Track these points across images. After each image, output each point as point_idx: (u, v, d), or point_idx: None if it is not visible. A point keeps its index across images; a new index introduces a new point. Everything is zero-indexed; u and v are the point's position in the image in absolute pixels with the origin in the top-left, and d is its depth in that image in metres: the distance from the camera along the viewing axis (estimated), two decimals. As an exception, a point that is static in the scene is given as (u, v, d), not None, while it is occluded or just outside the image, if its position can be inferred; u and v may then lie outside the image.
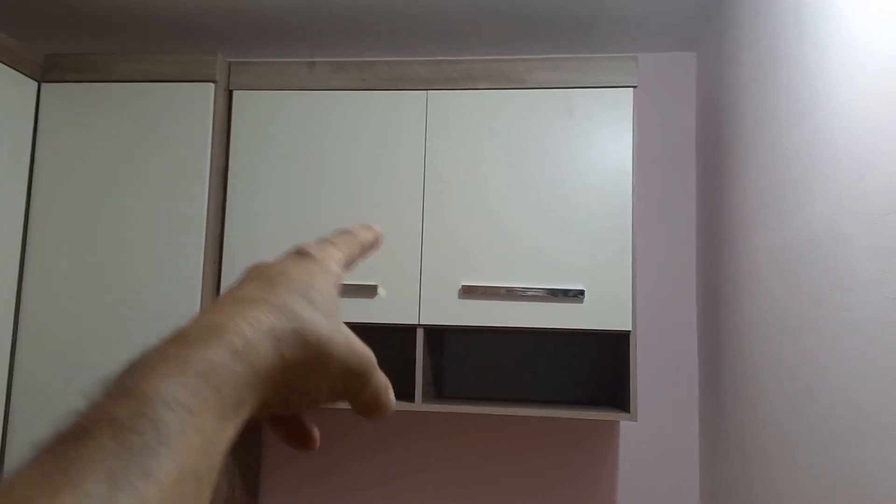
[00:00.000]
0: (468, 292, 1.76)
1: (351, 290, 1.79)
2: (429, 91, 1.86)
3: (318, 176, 1.86)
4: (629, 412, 1.71)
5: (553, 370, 2.13)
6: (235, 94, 1.90)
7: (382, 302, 1.79)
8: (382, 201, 1.83)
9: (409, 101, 1.86)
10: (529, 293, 1.75)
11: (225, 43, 2.26)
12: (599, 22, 2.04)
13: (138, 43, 2.28)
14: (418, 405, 1.77)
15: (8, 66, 1.74)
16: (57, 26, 2.16)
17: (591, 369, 2.12)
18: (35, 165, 1.84)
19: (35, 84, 1.84)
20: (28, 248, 1.81)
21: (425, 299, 1.79)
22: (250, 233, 1.85)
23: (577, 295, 1.74)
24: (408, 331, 1.74)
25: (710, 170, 2.00)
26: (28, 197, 1.83)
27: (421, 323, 1.78)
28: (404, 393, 2.14)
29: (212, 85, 1.83)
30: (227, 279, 1.83)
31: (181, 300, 1.76)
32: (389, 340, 2.25)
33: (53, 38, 2.24)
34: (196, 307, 1.76)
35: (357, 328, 0.41)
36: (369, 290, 1.78)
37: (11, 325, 1.78)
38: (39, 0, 1.98)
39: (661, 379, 2.11)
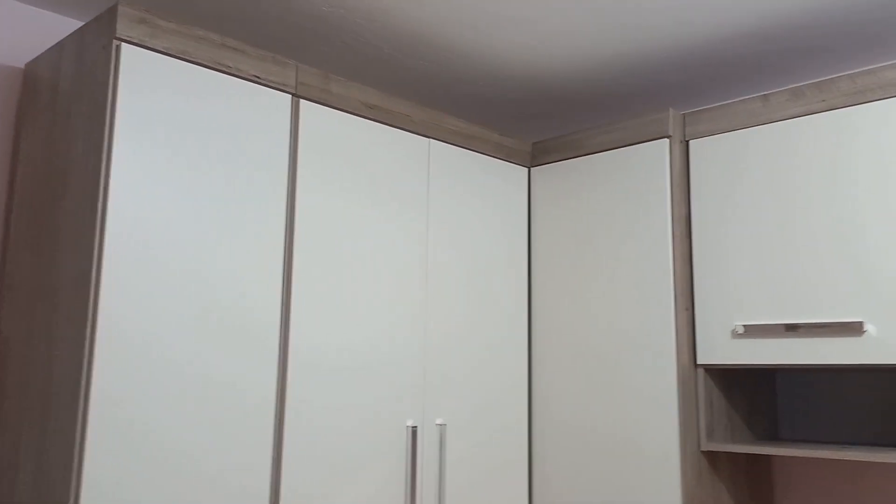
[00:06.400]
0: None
1: (834, 329, 1.65)
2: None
3: (786, 211, 1.78)
4: None
5: None
6: (692, 143, 1.95)
7: (871, 340, 1.61)
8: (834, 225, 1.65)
9: (868, 114, 1.66)
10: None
11: (679, 95, 2.35)
12: None
13: (602, 116, 2.51)
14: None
15: (504, 160, 2.14)
16: (537, 117, 2.54)
17: None
18: (532, 241, 2.20)
19: (525, 170, 2.22)
20: (533, 315, 2.16)
21: None
22: (721, 277, 1.86)
23: None
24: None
25: None
26: (529, 269, 2.19)
27: None
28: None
29: (666, 140, 1.93)
30: (702, 322, 1.88)
31: (655, 342, 1.89)
32: (877, 381, 1.96)
33: (530, 127, 2.64)
34: (671, 349, 1.86)
35: (843, 370, 0.42)
36: (855, 328, 1.62)
37: (525, 398, 2.14)
38: (524, 100, 2.37)
39: None
